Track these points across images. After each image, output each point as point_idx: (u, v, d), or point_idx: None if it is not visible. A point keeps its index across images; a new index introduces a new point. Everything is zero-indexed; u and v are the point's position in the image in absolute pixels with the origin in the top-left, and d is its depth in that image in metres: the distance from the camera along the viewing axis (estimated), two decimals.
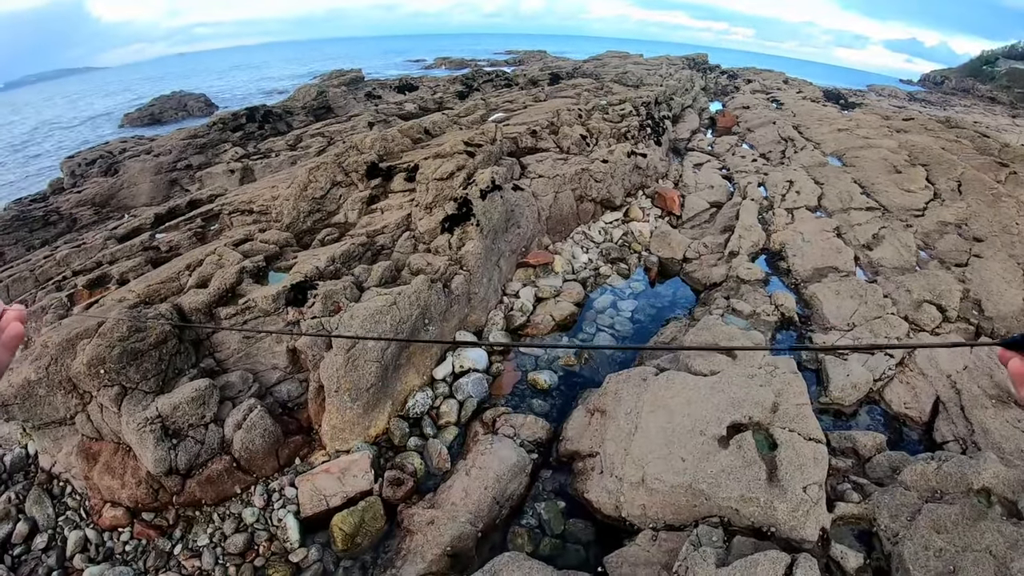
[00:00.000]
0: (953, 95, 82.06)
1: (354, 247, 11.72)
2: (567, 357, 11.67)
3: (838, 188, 19.03)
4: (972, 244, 15.12)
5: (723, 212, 18.51)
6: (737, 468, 7.52)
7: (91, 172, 25.68)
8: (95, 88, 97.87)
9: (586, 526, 8.18)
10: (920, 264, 14.49)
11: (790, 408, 8.33)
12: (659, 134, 24.33)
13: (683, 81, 35.97)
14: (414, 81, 41.98)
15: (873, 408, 10.55)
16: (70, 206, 21.92)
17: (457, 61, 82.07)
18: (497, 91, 33.30)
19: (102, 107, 63.91)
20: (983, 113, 56.94)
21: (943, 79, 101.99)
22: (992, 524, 6.69)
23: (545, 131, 19.28)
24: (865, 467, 8.73)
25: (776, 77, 56.80)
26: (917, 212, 17.19)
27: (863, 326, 11.97)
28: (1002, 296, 12.77)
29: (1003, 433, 9.21)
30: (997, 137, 26.23)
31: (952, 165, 20.08)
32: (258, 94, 60.23)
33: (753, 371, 9.01)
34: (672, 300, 14.40)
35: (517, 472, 8.60)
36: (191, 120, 42.87)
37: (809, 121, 29.72)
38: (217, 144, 27.25)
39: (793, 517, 7.03)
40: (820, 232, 15.97)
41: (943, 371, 10.79)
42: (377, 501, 8.37)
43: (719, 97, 43.47)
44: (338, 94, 35.33)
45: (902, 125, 28.28)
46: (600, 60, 42.98)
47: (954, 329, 12.10)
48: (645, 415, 8.48)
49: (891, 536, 7.14)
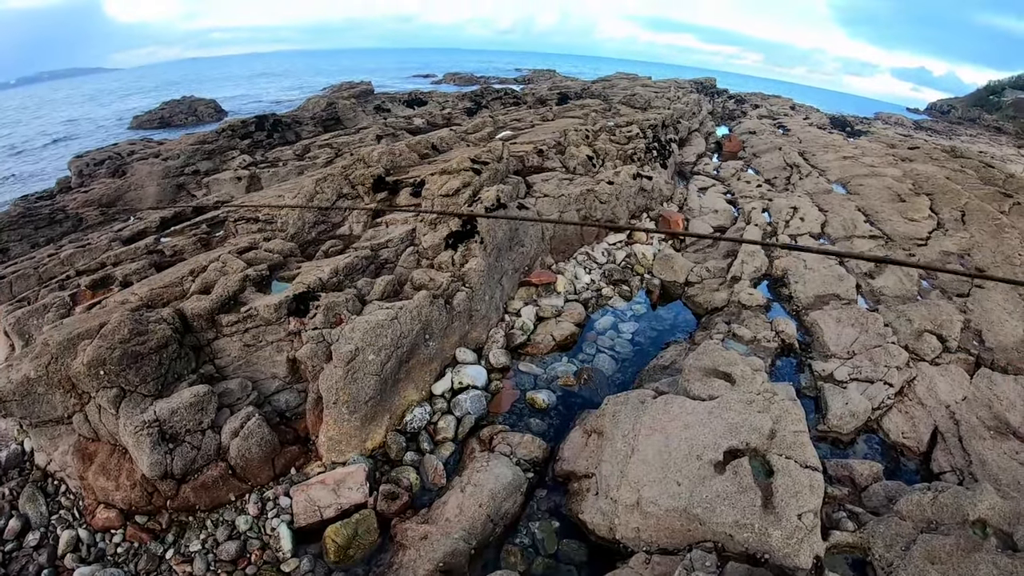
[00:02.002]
0: (959, 124, 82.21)
1: (358, 260, 11.75)
2: (566, 377, 11.68)
3: (842, 216, 19.07)
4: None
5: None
6: (732, 494, 7.50)
7: (99, 172, 25.73)
8: (109, 88, 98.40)
9: (579, 547, 8.15)
10: (922, 294, 14.49)
11: (787, 435, 8.31)
12: (665, 157, 24.44)
13: (690, 105, 36.13)
14: (423, 96, 42.18)
15: (871, 437, 10.53)
16: (77, 205, 22.01)
17: (467, 77, 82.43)
18: (505, 109, 33.49)
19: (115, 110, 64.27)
20: (988, 143, 57.02)
21: (949, 108, 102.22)
22: (987, 556, 6.67)
23: (552, 151, 19.36)
24: (861, 496, 8.72)
25: (783, 103, 57.04)
26: (920, 241, 17.21)
27: (863, 354, 11.97)
28: (1003, 327, 12.76)
29: (1000, 464, 9.20)
30: (1002, 167, 26.28)
31: (956, 195, 20.12)
32: (268, 103, 60.47)
33: (751, 397, 9.00)
34: (673, 323, 14.40)
35: (512, 491, 8.59)
36: (201, 125, 43.02)
37: (815, 148, 29.81)
38: (225, 151, 27.36)
39: (787, 544, 7.00)
40: (823, 259, 15.98)
41: (942, 401, 10.79)
42: (371, 514, 8.35)
43: (726, 121, 43.64)
44: (347, 106, 35.49)
45: (907, 154, 28.36)
46: (609, 81, 43.17)
47: (954, 359, 12.07)
48: (642, 438, 8.47)
49: (886, 566, 7.12)
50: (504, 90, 41.92)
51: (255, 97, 69.64)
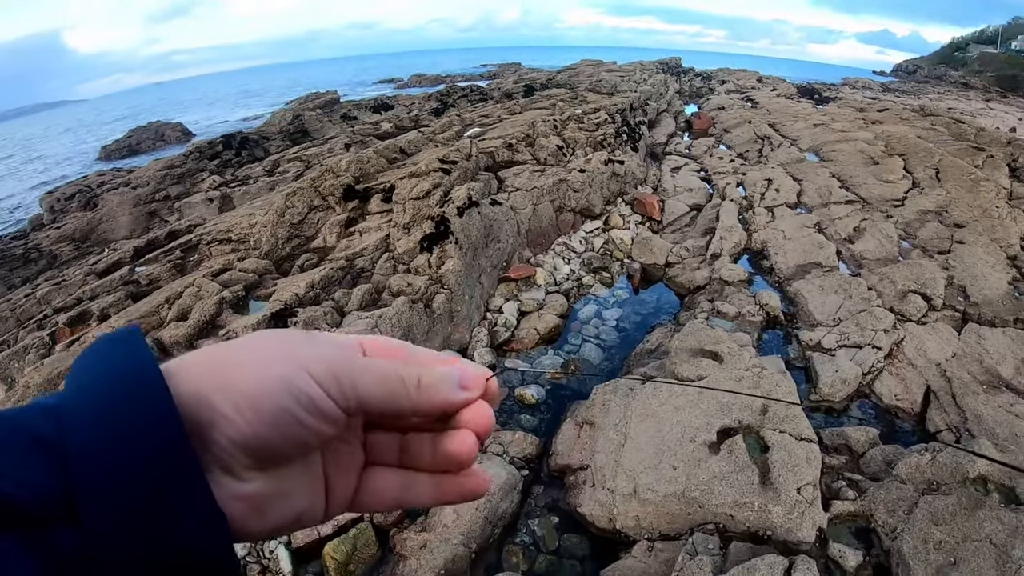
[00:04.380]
0: (926, 83, 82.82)
1: (333, 271, 11.62)
2: (554, 371, 11.59)
3: (817, 183, 19.06)
4: (953, 230, 15.15)
5: (703, 215, 18.49)
6: (729, 473, 7.45)
7: (70, 207, 25.49)
8: (73, 122, 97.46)
9: (581, 540, 8.07)
10: (903, 254, 14.50)
11: (780, 409, 8.26)
12: (635, 140, 24.37)
13: (657, 86, 36.10)
14: (389, 100, 41.93)
15: (864, 402, 10.48)
16: (50, 242, 21.78)
17: (432, 78, 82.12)
18: (472, 106, 33.33)
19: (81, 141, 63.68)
20: (957, 99, 57.38)
21: (915, 68, 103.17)
22: (991, 512, 6.64)
23: (521, 144, 19.23)
24: (859, 463, 8.66)
25: (750, 76, 57.13)
26: (897, 202, 17.24)
27: (849, 320, 11.94)
28: (987, 280, 12.78)
29: (996, 418, 9.16)
30: (972, 122, 26.43)
31: (929, 153, 20.18)
32: (235, 121, 60.10)
33: (740, 374, 8.96)
34: (656, 306, 14.34)
35: (508, 490, 8.49)
36: (169, 149, 42.60)
37: (784, 118, 29.84)
38: (195, 173, 27.13)
39: (788, 519, 6.96)
40: (801, 228, 15.97)
41: (932, 360, 10.76)
42: (368, 527, 8.23)
43: (694, 99, 43.63)
44: (314, 117, 35.27)
45: (877, 116, 28.50)
46: (574, 69, 43.01)
47: (941, 317, 12.07)
48: (634, 425, 8.40)
49: (889, 531, 7.06)
50: (470, 87, 41.72)
51: (221, 117, 69.27)
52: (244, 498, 0.67)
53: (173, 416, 0.60)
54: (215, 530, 0.61)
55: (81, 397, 0.60)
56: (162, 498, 0.57)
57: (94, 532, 0.54)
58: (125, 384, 0.60)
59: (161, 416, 0.59)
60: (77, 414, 0.58)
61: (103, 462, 0.56)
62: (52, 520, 0.53)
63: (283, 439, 0.68)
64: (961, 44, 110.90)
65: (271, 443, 0.67)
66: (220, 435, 0.64)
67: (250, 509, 0.68)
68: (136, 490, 0.56)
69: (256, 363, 0.69)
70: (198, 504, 0.59)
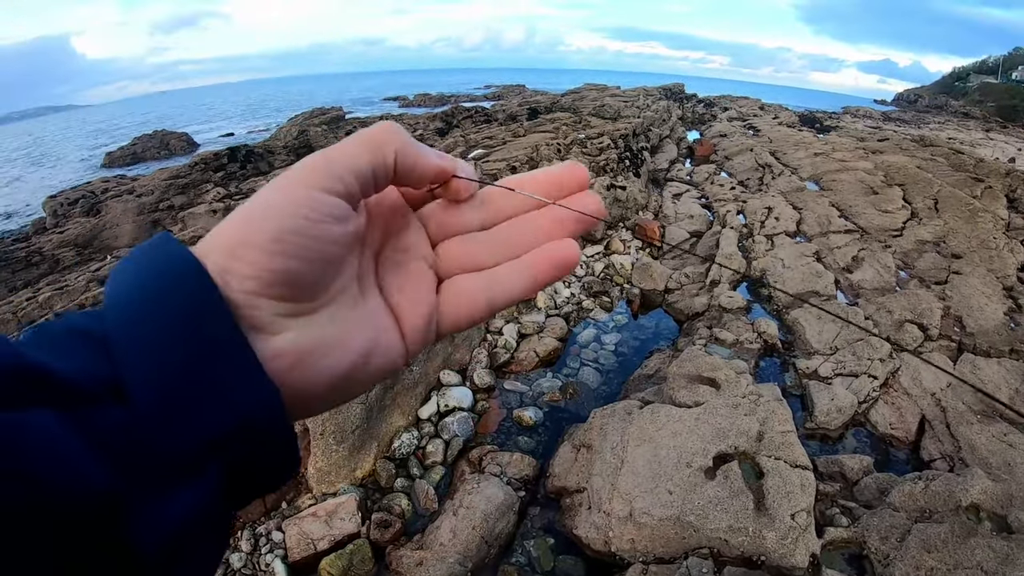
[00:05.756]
0: (927, 112, 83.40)
1: None
2: (551, 393, 11.66)
3: (816, 212, 19.21)
4: (951, 261, 15.27)
5: (703, 241, 18.62)
6: (724, 498, 7.51)
7: (73, 212, 25.55)
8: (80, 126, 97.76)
9: (576, 562, 8.11)
10: (900, 284, 14.61)
11: (775, 436, 8.34)
12: (638, 166, 24.54)
13: (660, 112, 36.32)
14: (394, 119, 42.03)
15: (859, 431, 10.56)
16: (52, 247, 21.83)
17: (437, 97, 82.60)
18: (476, 127, 33.50)
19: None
20: (957, 129, 57.67)
21: (916, 97, 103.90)
22: (983, 540, 6.70)
23: (524, 167, 19.37)
24: (853, 490, 8.73)
25: (752, 104, 57.48)
26: (895, 232, 17.36)
27: (845, 349, 12.04)
28: (983, 311, 12.88)
29: (990, 448, 9.23)
30: (971, 152, 26.61)
31: (928, 183, 20.33)
32: (241, 133, 60.37)
33: (737, 400, 9.03)
34: (655, 331, 14.42)
35: (505, 510, 8.54)
36: (173, 159, 42.74)
37: (785, 147, 30.04)
38: (199, 184, 27.24)
39: (782, 545, 7.01)
40: (800, 257, 16.09)
41: (927, 389, 10.85)
42: (365, 543, 8.27)
43: (696, 126, 43.84)
44: (319, 133, 35.46)
45: (877, 146, 28.67)
46: (578, 93, 43.29)
47: (936, 347, 12.17)
48: (631, 449, 8.47)
49: (882, 558, 7.13)
50: (475, 108, 41.99)
51: (226, 128, 69.56)
52: (283, 355, 0.63)
53: (209, 290, 0.59)
54: (261, 398, 0.58)
55: (117, 293, 0.59)
56: (208, 371, 0.56)
57: (143, 413, 0.52)
58: (156, 271, 0.59)
59: (193, 291, 0.58)
60: (116, 304, 0.58)
61: (146, 343, 0.55)
62: (98, 398, 0.51)
63: (298, 254, 0.63)
64: (962, 74, 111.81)
65: (287, 265, 0.62)
66: (237, 284, 0.61)
67: (292, 365, 0.64)
68: (178, 361, 0.55)
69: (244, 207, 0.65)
70: (244, 374, 0.57)
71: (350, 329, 0.71)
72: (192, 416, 0.54)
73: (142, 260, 0.61)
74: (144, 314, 0.56)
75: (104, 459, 0.49)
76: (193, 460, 0.54)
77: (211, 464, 0.55)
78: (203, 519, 0.55)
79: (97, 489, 0.47)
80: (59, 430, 0.47)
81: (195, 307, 0.57)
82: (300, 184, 0.66)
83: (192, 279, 0.58)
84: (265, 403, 0.58)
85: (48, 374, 0.49)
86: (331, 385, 0.68)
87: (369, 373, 0.73)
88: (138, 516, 0.49)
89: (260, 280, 0.61)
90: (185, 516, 0.53)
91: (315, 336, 0.66)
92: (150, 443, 0.52)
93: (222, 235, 0.63)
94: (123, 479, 0.49)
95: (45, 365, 0.49)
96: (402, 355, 0.77)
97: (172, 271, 0.59)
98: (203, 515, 0.55)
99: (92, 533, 0.46)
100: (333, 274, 0.69)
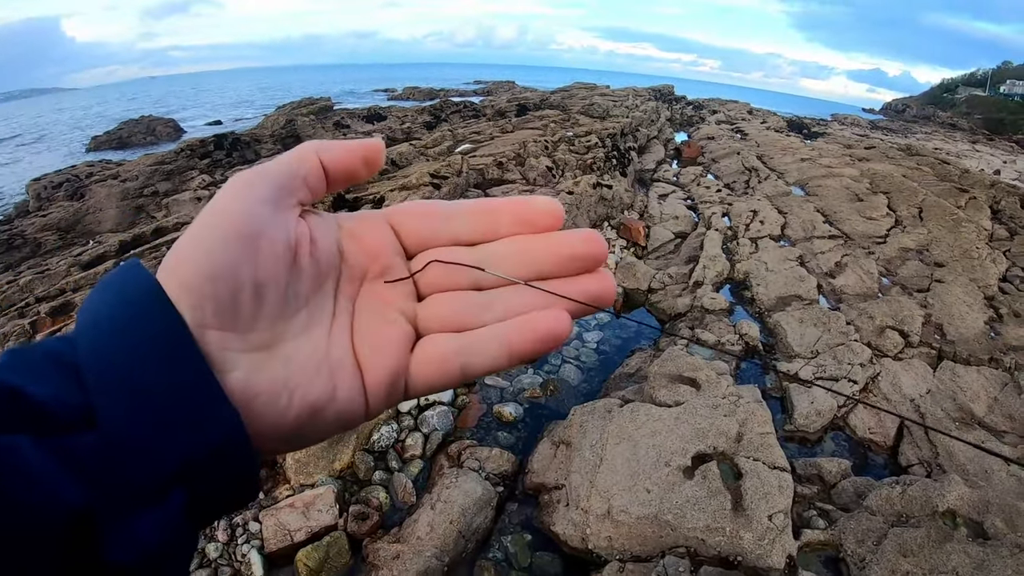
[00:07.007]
0: (914, 123, 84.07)
1: None
2: (532, 389, 11.63)
3: (801, 217, 19.30)
4: (933, 269, 15.39)
5: (688, 242, 18.65)
6: (702, 498, 7.52)
7: (57, 196, 25.27)
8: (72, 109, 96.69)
9: (553, 559, 8.09)
10: (882, 290, 14.70)
11: (755, 437, 8.36)
12: (625, 165, 24.57)
13: (649, 112, 36.39)
14: (383, 111, 41.97)
15: (838, 434, 10.60)
16: (35, 230, 21.57)
17: (426, 91, 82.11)
18: (465, 122, 33.47)
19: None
20: (944, 140, 58.22)
21: (904, 107, 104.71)
22: (958, 545, 6.74)
23: (511, 162, 19.33)
24: (831, 493, 8.76)
25: (741, 108, 57.68)
26: (879, 239, 17.48)
27: (826, 353, 12.09)
28: (964, 320, 12.98)
29: (967, 455, 9.28)
30: (957, 163, 26.88)
31: (913, 192, 20.49)
32: (228, 121, 59.91)
33: (717, 401, 9.05)
34: (637, 331, 14.40)
35: (483, 506, 8.51)
36: (159, 145, 42.32)
37: (773, 151, 30.16)
38: (184, 171, 27.01)
39: (759, 546, 7.03)
40: (784, 261, 16.15)
41: (906, 395, 10.92)
42: (342, 536, 8.21)
43: (685, 128, 43.92)
44: (307, 123, 35.22)
45: (864, 154, 28.83)
46: (567, 91, 43.32)
47: (917, 353, 12.24)
48: (610, 447, 8.46)
49: (858, 561, 7.15)
50: (463, 103, 41.88)
51: (214, 116, 69.03)
52: (232, 393, 0.61)
53: (174, 320, 0.59)
54: (225, 431, 0.58)
55: (87, 322, 0.59)
56: (174, 402, 0.56)
57: (112, 440, 0.53)
58: (125, 300, 0.60)
59: (159, 320, 0.58)
60: (87, 333, 0.58)
61: (115, 373, 0.55)
62: (72, 424, 0.52)
63: (231, 264, 0.63)
64: (951, 86, 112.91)
65: (223, 276, 0.62)
66: (185, 310, 0.60)
67: (241, 406, 0.61)
68: (146, 389, 0.55)
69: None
70: (209, 407, 0.58)
71: (306, 377, 0.69)
72: (158, 445, 0.55)
73: (113, 286, 0.62)
74: (113, 346, 0.57)
75: (78, 479, 0.50)
76: (159, 486, 0.55)
77: (175, 489, 0.56)
78: (170, 538, 0.56)
79: (73, 506, 0.48)
80: (34, 452, 0.48)
81: (161, 338, 0.58)
82: (232, 199, 0.66)
83: (157, 309, 0.59)
84: (229, 436, 0.59)
85: (24, 397, 0.51)
86: (279, 436, 0.68)
87: (320, 427, 0.72)
88: (111, 534, 0.51)
89: (200, 290, 0.62)
90: (153, 536, 0.54)
91: (266, 379, 0.65)
92: (119, 469, 0.53)
93: (169, 260, 0.64)
94: (97, 497, 0.51)
95: (21, 388, 0.51)
96: (361, 412, 0.74)
97: (139, 301, 0.60)
98: (170, 535, 0.56)
99: (68, 552, 0.48)
100: (277, 302, 0.68)
